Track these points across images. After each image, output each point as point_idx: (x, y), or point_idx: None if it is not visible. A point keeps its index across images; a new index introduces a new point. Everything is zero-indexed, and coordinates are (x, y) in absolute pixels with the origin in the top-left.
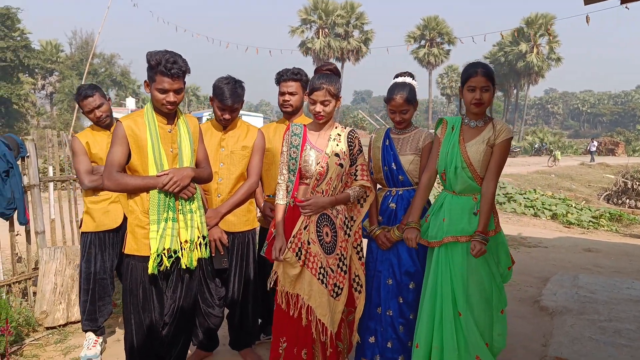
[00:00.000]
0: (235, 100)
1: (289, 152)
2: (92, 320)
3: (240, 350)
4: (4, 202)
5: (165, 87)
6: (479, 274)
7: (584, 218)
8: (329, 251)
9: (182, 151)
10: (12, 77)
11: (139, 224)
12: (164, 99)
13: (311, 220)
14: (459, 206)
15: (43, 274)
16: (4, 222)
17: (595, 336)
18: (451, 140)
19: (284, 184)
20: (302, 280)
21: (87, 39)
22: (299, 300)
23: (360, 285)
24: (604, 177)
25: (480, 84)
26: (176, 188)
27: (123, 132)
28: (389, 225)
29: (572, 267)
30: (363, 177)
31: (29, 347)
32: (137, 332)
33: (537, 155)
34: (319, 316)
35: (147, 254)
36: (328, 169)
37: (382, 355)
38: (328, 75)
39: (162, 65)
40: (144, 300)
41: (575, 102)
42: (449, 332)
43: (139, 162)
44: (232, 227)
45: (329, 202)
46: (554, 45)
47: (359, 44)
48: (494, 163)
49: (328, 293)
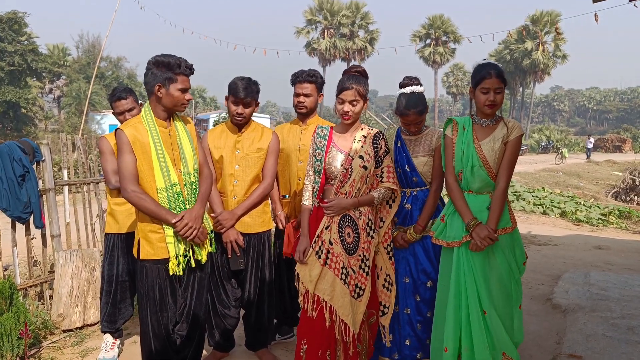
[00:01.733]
0: (248, 93)
1: (314, 154)
2: (111, 322)
3: (256, 351)
4: (21, 206)
5: (187, 86)
6: (499, 270)
7: (593, 215)
8: (350, 252)
9: (184, 151)
10: (20, 81)
11: (153, 230)
12: (184, 98)
13: (333, 221)
14: (477, 205)
15: (59, 277)
16: (20, 226)
17: (608, 333)
18: (465, 140)
19: (310, 185)
20: (324, 281)
21: (93, 42)
22: (319, 301)
23: (390, 284)
24: (612, 174)
25: (494, 86)
26: (193, 232)
27: (127, 139)
28: (404, 226)
29: (582, 264)
30: (389, 180)
31: (46, 349)
32: (156, 332)
33: (544, 153)
34: (342, 316)
35: (164, 257)
36: (352, 171)
37: (400, 352)
38: (357, 76)
39: (184, 66)
40: (160, 301)
41: (581, 99)
42: (478, 331)
43: (145, 168)
44: (247, 228)
45: (352, 204)
46: (559, 42)
47: (365, 44)
48: (507, 160)
49: (349, 293)
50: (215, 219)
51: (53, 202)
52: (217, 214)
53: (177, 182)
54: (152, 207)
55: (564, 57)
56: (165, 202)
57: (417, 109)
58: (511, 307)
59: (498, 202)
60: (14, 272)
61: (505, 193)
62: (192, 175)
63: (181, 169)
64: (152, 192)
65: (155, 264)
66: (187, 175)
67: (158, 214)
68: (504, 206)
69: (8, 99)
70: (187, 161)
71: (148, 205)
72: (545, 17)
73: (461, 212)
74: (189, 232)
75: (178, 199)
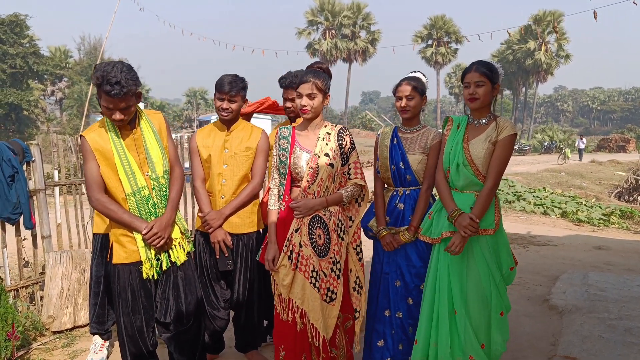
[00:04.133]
0: (232, 87)
1: (278, 156)
2: (100, 323)
3: (246, 353)
4: (10, 206)
5: (110, 106)
6: (477, 272)
7: (595, 216)
8: (321, 254)
9: (150, 153)
10: (22, 83)
11: (124, 233)
12: (110, 116)
13: (303, 223)
14: (460, 203)
15: (50, 278)
16: (11, 227)
17: (605, 335)
18: (455, 138)
19: (276, 188)
20: (295, 284)
21: (95, 44)
22: (292, 304)
23: (360, 286)
24: (615, 174)
25: (473, 79)
26: (160, 242)
27: (89, 146)
28: (395, 226)
29: (582, 265)
30: (357, 176)
31: (36, 351)
32: (129, 333)
33: (547, 153)
34: (312, 320)
35: (136, 260)
36: (318, 170)
37: (394, 357)
38: (316, 70)
39: (104, 86)
40: (133, 303)
41: (585, 99)
42: (444, 329)
43: (110, 174)
44: (236, 228)
45: (320, 203)
46: (562, 42)
47: (366, 45)
48: (496, 159)
49: (320, 297)
50: (203, 218)
51: (43, 202)
52: (205, 213)
53: (144, 185)
54: (117, 216)
55: (567, 57)
56: (134, 207)
57: (410, 81)
58: (488, 312)
59: (482, 199)
60: (4, 273)
61: (492, 193)
62: (161, 177)
63: (148, 172)
64: (120, 198)
65: (127, 266)
66: (155, 179)
67: (125, 222)
68: (489, 205)
69: (10, 101)
70: (155, 164)
71: (114, 214)
72: (548, 17)
73: (445, 204)
74: (156, 241)
75: (147, 203)
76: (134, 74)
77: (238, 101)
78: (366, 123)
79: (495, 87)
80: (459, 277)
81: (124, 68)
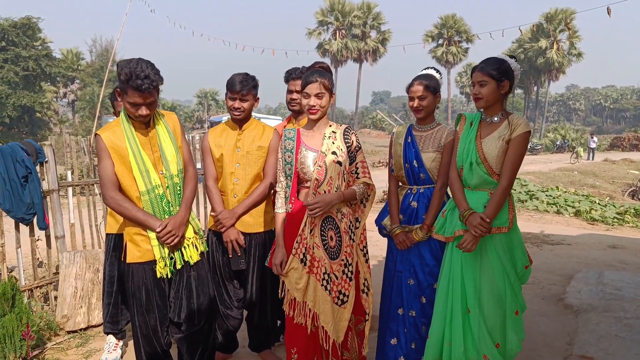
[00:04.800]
0: (244, 87)
1: (284, 157)
2: (114, 322)
3: (260, 352)
4: (24, 207)
5: (137, 101)
6: (491, 271)
7: (608, 214)
8: (333, 256)
9: (165, 153)
10: (35, 85)
11: (138, 232)
12: (135, 112)
13: (315, 224)
14: (473, 201)
15: (63, 278)
16: (25, 227)
17: (621, 334)
18: (469, 136)
19: (282, 191)
20: (308, 287)
21: (107, 46)
22: (305, 307)
23: (368, 288)
24: (629, 172)
25: (477, 79)
26: (174, 240)
27: (104, 144)
28: (409, 224)
29: (596, 264)
30: (365, 175)
31: (50, 350)
32: (143, 332)
33: (560, 152)
34: (322, 323)
35: (150, 259)
36: (327, 168)
37: (407, 356)
38: (320, 70)
39: (133, 80)
40: (147, 302)
41: (597, 98)
42: (457, 328)
43: (125, 172)
44: (249, 227)
45: (337, 198)
46: (574, 40)
47: (377, 45)
48: (510, 158)
49: (332, 300)
50: (216, 217)
51: (57, 203)
52: (217, 212)
53: (159, 184)
54: (131, 214)
55: (579, 55)
56: (148, 206)
57: (422, 80)
58: (503, 311)
59: (496, 198)
60: (19, 274)
61: (506, 192)
62: (175, 176)
63: (163, 171)
64: (134, 197)
65: (141, 265)
66: (170, 177)
67: (139, 220)
68: (504, 204)
69: (23, 103)
70: (169, 162)
71: (128, 212)
72: (560, 15)
73: (457, 202)
74: (170, 239)
75: (161, 202)
76: (157, 69)
77: (250, 100)
78: (377, 123)
79: (503, 84)
80: (472, 276)
81: (149, 63)
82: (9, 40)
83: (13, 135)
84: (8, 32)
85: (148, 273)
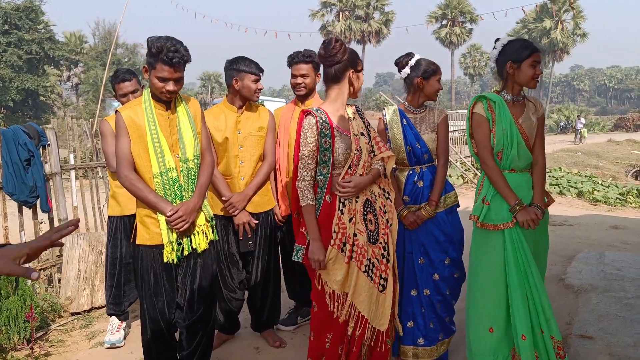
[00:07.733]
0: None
1: (321, 142)
2: (116, 304)
3: (262, 332)
4: (27, 190)
5: (165, 75)
6: (544, 250)
7: (611, 195)
8: (373, 240)
9: (183, 136)
10: (38, 69)
11: (148, 214)
12: (163, 87)
13: (356, 210)
14: (524, 183)
15: (67, 260)
16: (28, 210)
17: (621, 313)
18: (506, 118)
19: (311, 180)
20: (348, 277)
21: (110, 29)
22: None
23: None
24: (632, 153)
25: (538, 59)
26: (184, 226)
27: (123, 122)
28: (415, 204)
29: (598, 244)
30: (380, 150)
31: (54, 332)
32: (151, 315)
33: (563, 133)
34: (363, 312)
35: (159, 243)
36: (361, 151)
37: (426, 336)
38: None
39: (164, 54)
40: (155, 285)
41: (602, 78)
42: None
43: (141, 152)
44: (258, 207)
45: (369, 180)
46: (579, 20)
47: (380, 26)
48: (540, 135)
49: (375, 287)
50: (227, 202)
51: (59, 186)
52: (228, 197)
53: (173, 167)
54: (143, 195)
55: (583, 36)
56: (160, 188)
57: None
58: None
59: (542, 176)
60: None
61: (545, 170)
62: (190, 161)
63: (179, 154)
64: (147, 177)
65: (150, 249)
66: (185, 161)
67: (150, 202)
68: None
69: (27, 86)
70: (186, 146)
71: (140, 192)
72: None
73: (505, 195)
74: (180, 224)
75: (174, 185)
76: (186, 47)
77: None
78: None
79: None
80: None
81: (178, 40)
82: (12, 24)
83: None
84: (11, 15)
85: (157, 257)
